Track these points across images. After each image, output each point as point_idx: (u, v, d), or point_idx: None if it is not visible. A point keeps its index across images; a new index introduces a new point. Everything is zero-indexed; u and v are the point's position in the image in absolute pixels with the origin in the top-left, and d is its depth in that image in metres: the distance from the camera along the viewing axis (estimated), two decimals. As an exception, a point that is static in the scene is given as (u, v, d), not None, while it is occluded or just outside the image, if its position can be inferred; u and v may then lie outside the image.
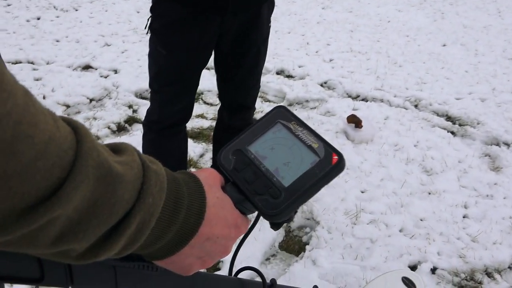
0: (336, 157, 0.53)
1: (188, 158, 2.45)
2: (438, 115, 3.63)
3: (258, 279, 0.67)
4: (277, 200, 0.51)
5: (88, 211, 0.33)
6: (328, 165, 0.52)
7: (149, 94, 1.88)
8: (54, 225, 0.32)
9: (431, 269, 2.08)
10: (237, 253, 0.62)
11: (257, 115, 2.44)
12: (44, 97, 3.32)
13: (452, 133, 3.33)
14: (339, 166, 0.52)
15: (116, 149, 0.40)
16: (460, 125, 3.45)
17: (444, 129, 3.38)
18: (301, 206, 0.53)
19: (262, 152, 0.56)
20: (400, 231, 2.30)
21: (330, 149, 0.54)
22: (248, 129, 0.59)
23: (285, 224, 0.55)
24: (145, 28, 1.73)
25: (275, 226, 0.54)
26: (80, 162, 0.31)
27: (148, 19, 1.70)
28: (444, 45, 5.06)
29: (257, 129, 0.58)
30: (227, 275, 0.64)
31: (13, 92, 0.28)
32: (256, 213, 0.55)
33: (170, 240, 0.43)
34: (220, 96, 2.04)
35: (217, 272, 1.95)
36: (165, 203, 0.40)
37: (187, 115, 1.92)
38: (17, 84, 0.29)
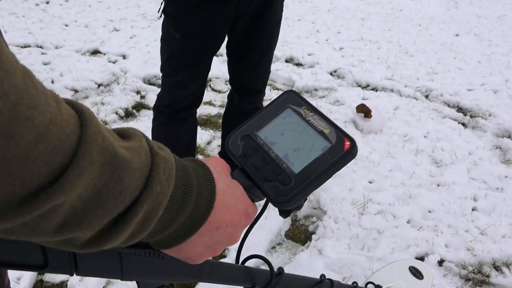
0: (348, 142, 0.51)
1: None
2: (449, 106, 3.58)
3: (265, 267, 0.66)
4: (286, 187, 0.49)
5: (93, 199, 0.32)
6: (339, 151, 0.51)
7: (160, 79, 1.88)
8: (57, 213, 0.30)
9: (438, 261, 2.07)
10: (244, 241, 0.61)
11: (266, 103, 2.42)
12: (52, 82, 3.32)
13: (463, 124, 3.29)
14: (352, 152, 0.51)
15: (123, 134, 0.38)
16: (471, 116, 3.41)
17: (455, 120, 3.34)
18: (311, 194, 0.52)
19: (272, 137, 0.54)
20: (408, 222, 2.28)
21: (342, 134, 0.52)
22: (257, 114, 0.57)
23: (292, 213, 0.54)
24: (159, 11, 1.73)
25: (284, 213, 0.53)
26: (84, 147, 0.30)
27: (161, 2, 1.69)
28: (457, 35, 4.98)
29: (266, 114, 0.57)
30: (234, 263, 0.63)
31: (12, 71, 0.26)
32: (264, 200, 0.53)
33: (178, 229, 0.42)
34: (231, 79, 2.04)
35: (224, 260, 1.95)
36: (173, 191, 0.39)
37: (198, 100, 1.92)
38: (16, 64, 0.27)
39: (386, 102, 3.50)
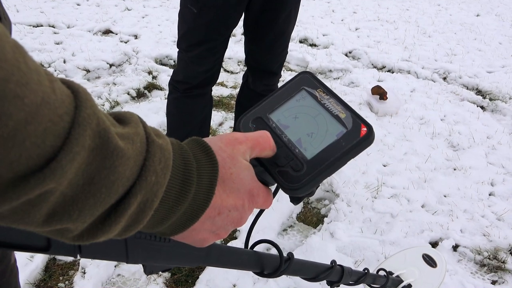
0: (365, 129, 0.50)
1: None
2: (467, 88, 3.50)
3: (275, 251, 0.65)
4: (298, 173, 0.48)
5: (84, 188, 0.31)
6: (355, 137, 0.49)
7: (172, 60, 1.87)
8: (46, 200, 0.29)
9: (453, 246, 2.04)
10: (253, 227, 0.60)
11: (280, 84, 2.39)
12: (64, 61, 3.33)
13: (482, 107, 3.22)
14: (368, 139, 0.49)
15: (120, 118, 0.37)
16: (490, 99, 3.33)
17: (473, 103, 3.27)
18: (324, 180, 0.51)
19: (284, 120, 0.53)
20: (422, 206, 2.26)
21: (358, 120, 0.50)
22: (270, 96, 0.56)
23: (303, 199, 0.53)
24: None
25: (295, 200, 0.51)
26: (77, 130, 0.29)
27: None
28: (477, 15, 4.83)
29: (279, 96, 0.55)
30: (243, 247, 0.62)
31: (0, 45, 0.24)
32: (275, 185, 0.52)
33: (177, 220, 0.41)
34: (247, 59, 2.03)
35: (233, 242, 1.95)
36: (170, 182, 0.38)
37: (213, 78, 1.91)
38: (6, 37, 0.25)
39: (402, 84, 3.44)
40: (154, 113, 2.82)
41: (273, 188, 0.52)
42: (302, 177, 0.48)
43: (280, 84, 2.85)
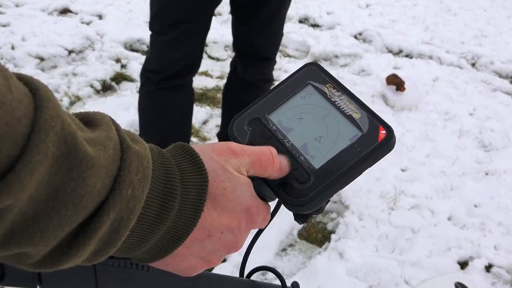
0: (383, 131, 0.50)
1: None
2: (500, 76, 3.54)
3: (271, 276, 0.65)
4: (304, 186, 0.48)
5: (47, 205, 0.31)
6: (372, 142, 0.50)
7: (145, 44, 1.87)
8: (1, 220, 0.29)
9: (486, 266, 2.07)
10: (250, 251, 0.60)
11: (276, 73, 2.38)
12: (12, 48, 3.31)
13: (518, 99, 3.26)
14: (388, 144, 0.50)
15: (88, 120, 0.37)
16: (528, 89, 3.37)
17: (508, 94, 3.31)
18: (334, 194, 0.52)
19: (287, 122, 0.53)
20: (449, 219, 2.28)
21: (376, 121, 0.51)
22: (269, 93, 0.56)
23: (310, 218, 0.53)
24: None
25: (300, 218, 0.52)
26: (38, 135, 0.29)
27: None
28: (511, -12, 4.89)
29: (281, 92, 0.56)
30: (238, 276, 0.63)
31: None
32: (276, 201, 0.52)
33: (157, 243, 0.41)
34: (235, 43, 2.03)
35: (223, 266, 1.96)
36: (149, 196, 0.38)
37: (194, 65, 1.92)
38: None
39: (423, 71, 3.47)
40: (123, 110, 2.82)
41: (272, 204, 0.53)
42: (308, 190, 0.48)
43: (275, 73, 2.85)
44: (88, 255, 0.36)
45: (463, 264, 2.08)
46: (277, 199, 0.51)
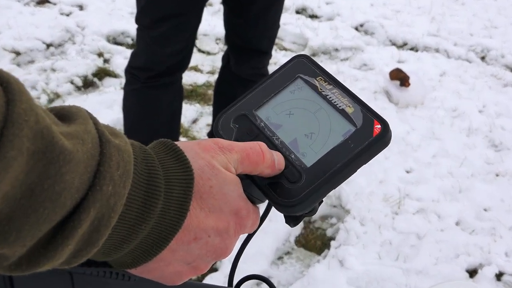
0: (378, 126, 0.51)
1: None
2: (512, 70, 3.56)
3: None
4: (295, 185, 0.49)
5: (23, 203, 0.31)
6: (367, 137, 0.50)
7: (130, 37, 1.87)
8: None
9: (496, 274, 2.08)
10: (239, 257, 0.60)
11: (271, 68, 2.39)
12: (-14, 41, 3.29)
13: (531, 95, 3.27)
14: (383, 139, 0.50)
15: (64, 114, 0.37)
16: (542, 84, 3.38)
17: (520, 89, 3.32)
18: (328, 194, 0.52)
19: (276, 118, 0.54)
20: (457, 224, 2.29)
21: (370, 114, 0.52)
22: (256, 87, 0.57)
23: (302, 220, 0.53)
24: None
25: (292, 220, 0.52)
26: (11, 130, 0.29)
27: None
28: (524, -24, 4.91)
29: (269, 86, 0.56)
30: (227, 286, 0.63)
31: None
32: (266, 202, 0.52)
33: (140, 245, 0.41)
34: (228, 35, 2.04)
35: (213, 276, 1.96)
36: (131, 193, 0.39)
37: (184, 61, 1.92)
38: None
39: (429, 65, 3.47)
40: (106, 107, 2.81)
41: (261, 206, 0.53)
42: (300, 190, 0.49)
43: (271, 68, 2.85)
44: (67, 256, 0.36)
45: (472, 272, 2.09)
46: (267, 201, 0.52)
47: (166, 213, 0.41)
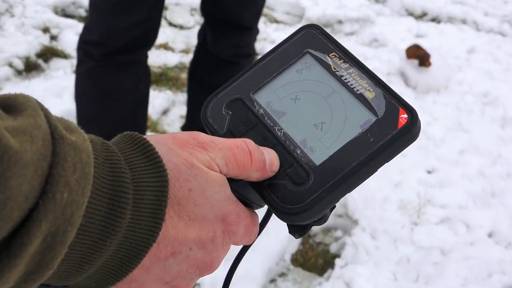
0: (405, 115, 0.51)
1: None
2: (556, 46, 3.58)
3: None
4: (301, 188, 0.49)
5: None
6: (391, 129, 0.50)
7: (83, 8, 1.86)
8: None
9: (538, 297, 2.10)
10: (231, 275, 0.60)
11: (259, 45, 2.36)
12: None
13: None
14: (410, 132, 0.50)
15: (9, 104, 0.37)
16: None
17: None
18: (341, 199, 0.52)
19: (279, 104, 0.54)
20: (490, 236, 2.30)
21: (395, 101, 0.52)
22: (254, 65, 0.57)
23: (309, 229, 0.53)
24: None
25: (297, 231, 0.52)
26: None
27: None
28: None
29: (270, 64, 0.56)
30: None
31: None
32: (265, 207, 0.53)
33: (106, 263, 0.41)
34: (204, 6, 2.04)
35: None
36: (91, 201, 0.38)
37: (149, 36, 1.92)
38: None
39: (454, 41, 3.48)
40: (55, 96, 2.79)
41: (260, 212, 0.53)
42: (307, 193, 0.48)
43: (259, 45, 2.85)
44: (16, 281, 0.36)
45: (508, 295, 2.10)
46: (266, 206, 0.52)
47: (136, 225, 0.41)
